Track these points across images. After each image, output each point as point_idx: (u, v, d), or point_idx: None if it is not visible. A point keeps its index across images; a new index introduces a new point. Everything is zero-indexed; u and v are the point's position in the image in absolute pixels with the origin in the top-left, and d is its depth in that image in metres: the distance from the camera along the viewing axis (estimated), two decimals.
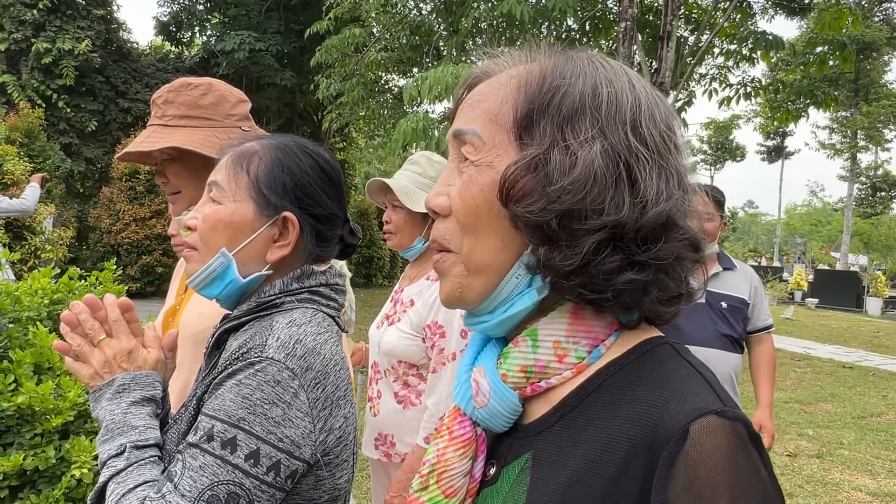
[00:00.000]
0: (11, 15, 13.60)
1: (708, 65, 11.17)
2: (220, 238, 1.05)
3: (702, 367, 0.61)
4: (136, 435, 0.96)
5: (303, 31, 12.81)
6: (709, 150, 49.97)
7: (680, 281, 0.62)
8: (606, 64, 0.66)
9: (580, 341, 0.64)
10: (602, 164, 0.60)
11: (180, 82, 1.54)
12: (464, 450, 0.67)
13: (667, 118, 0.65)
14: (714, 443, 0.53)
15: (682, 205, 0.62)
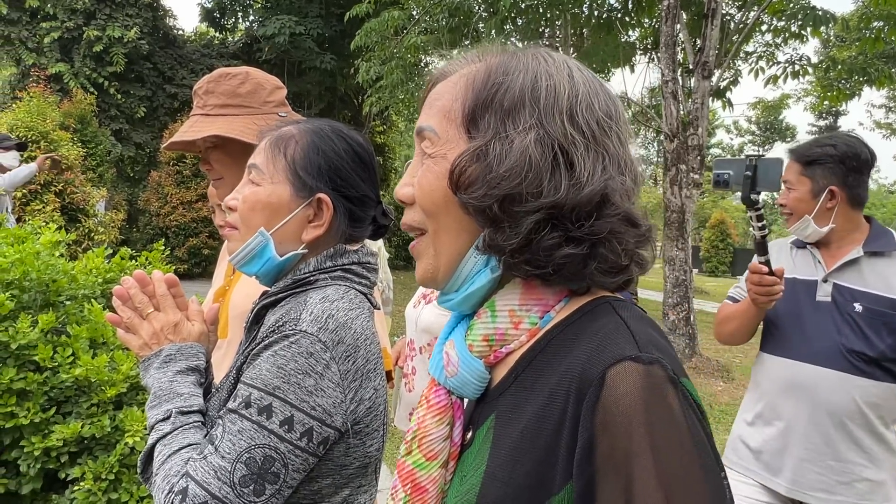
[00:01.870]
0: (64, 4, 14.02)
1: (755, 42, 10.85)
2: (259, 218, 1.10)
3: (633, 319, 0.65)
4: (181, 401, 1.03)
5: (343, 14, 12.87)
6: (757, 131, 48.53)
7: (618, 253, 0.66)
8: (549, 58, 0.72)
9: (532, 308, 0.69)
10: (537, 151, 0.65)
11: (219, 73, 1.59)
12: (440, 416, 0.74)
13: (606, 107, 0.70)
14: (627, 386, 0.57)
15: (618, 185, 0.66)
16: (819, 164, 1.99)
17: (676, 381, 0.58)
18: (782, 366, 2.03)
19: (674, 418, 0.56)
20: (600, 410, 0.57)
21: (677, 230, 7.66)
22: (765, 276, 1.95)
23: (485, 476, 0.66)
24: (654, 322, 0.68)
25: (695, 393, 0.60)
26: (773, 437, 2.01)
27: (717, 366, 7.51)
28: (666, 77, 7.76)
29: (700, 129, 7.70)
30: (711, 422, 5.64)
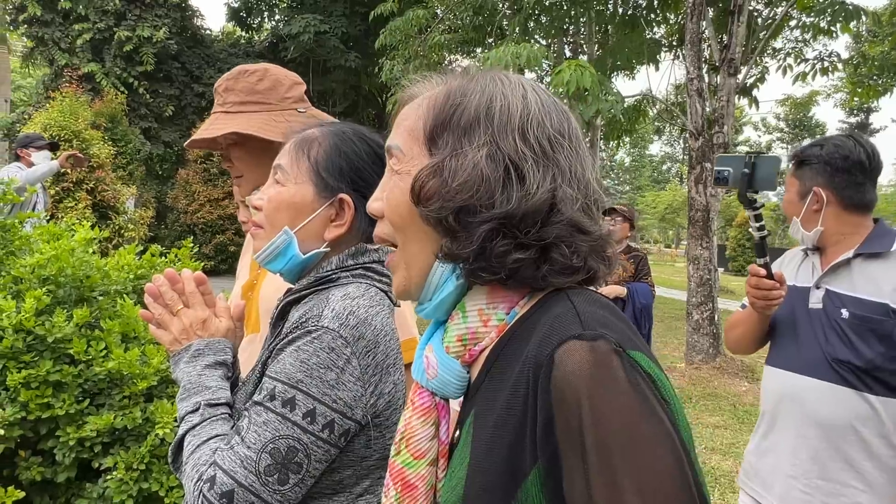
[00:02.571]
0: (95, 5, 14.30)
1: (783, 38, 10.69)
2: (283, 217, 1.14)
3: (583, 303, 0.69)
4: (209, 394, 1.08)
5: (367, 13, 12.94)
6: (785, 128, 47.70)
7: (566, 256, 0.70)
8: (505, 80, 0.77)
9: (499, 305, 0.74)
10: (489, 167, 0.70)
11: (238, 70, 1.60)
12: (425, 417, 0.79)
13: (559, 125, 0.75)
14: (574, 363, 0.60)
15: (566, 195, 0.71)
16: (807, 164, 1.92)
17: (622, 352, 0.61)
18: (774, 376, 1.94)
19: (620, 388, 0.59)
20: (553, 389, 0.60)
21: (702, 229, 7.59)
22: (762, 279, 1.86)
23: (469, 469, 0.70)
24: (607, 304, 0.72)
25: (646, 364, 0.63)
26: (766, 452, 1.94)
27: (742, 366, 7.44)
28: (691, 74, 7.68)
29: (725, 127, 7.62)
30: (735, 422, 5.62)
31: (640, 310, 4.53)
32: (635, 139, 20.02)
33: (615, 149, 12.80)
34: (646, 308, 4.56)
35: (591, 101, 6.81)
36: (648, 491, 0.57)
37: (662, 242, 56.46)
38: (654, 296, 4.69)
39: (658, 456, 0.58)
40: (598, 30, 11.92)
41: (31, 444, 2.04)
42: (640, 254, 4.75)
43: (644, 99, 10.28)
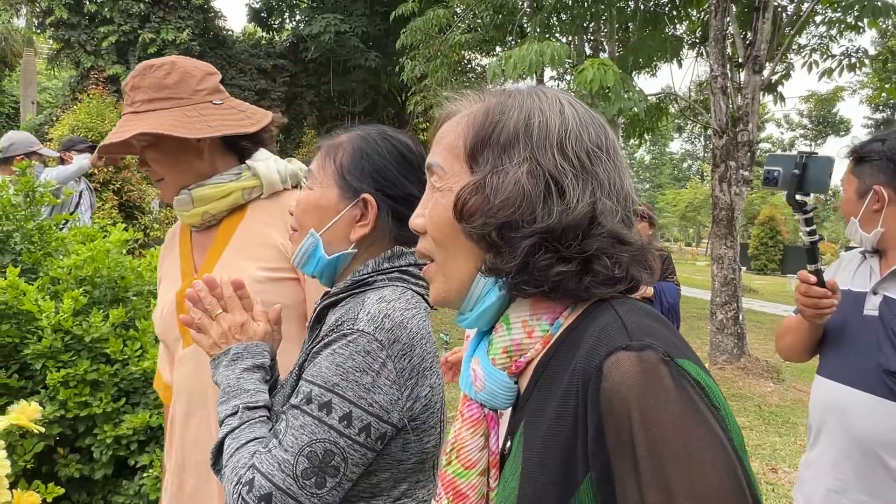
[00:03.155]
0: (120, 8, 14.50)
1: (809, 34, 10.54)
2: (311, 219, 1.16)
3: (629, 312, 0.70)
4: (248, 397, 1.09)
5: (387, 12, 12.96)
6: (809, 125, 47.00)
7: (608, 267, 0.71)
8: (543, 95, 0.79)
9: (542, 317, 0.75)
10: (530, 182, 0.72)
11: (143, 66, 1.48)
12: (474, 428, 0.80)
13: (597, 138, 0.77)
14: (622, 373, 0.61)
15: (606, 207, 0.73)
16: (867, 161, 1.78)
17: (670, 361, 0.62)
18: (822, 387, 1.84)
19: (669, 397, 0.60)
20: (602, 400, 0.61)
21: (726, 228, 7.51)
22: (812, 286, 1.74)
23: (521, 479, 0.70)
24: (652, 312, 0.72)
25: (695, 371, 0.63)
26: (810, 464, 1.86)
27: (767, 366, 7.36)
28: (715, 72, 7.61)
29: (750, 125, 7.54)
30: (760, 423, 5.56)
31: (667, 309, 4.50)
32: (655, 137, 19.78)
33: (635, 147, 12.66)
34: (673, 307, 4.53)
35: (613, 99, 6.77)
36: (702, 497, 0.57)
37: (683, 241, 55.91)
38: (679, 295, 4.65)
39: (710, 462, 0.58)
40: (619, 27, 11.84)
41: (70, 441, 2.08)
42: (664, 253, 4.71)
43: (666, 97, 10.20)
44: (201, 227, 1.52)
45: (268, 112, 1.56)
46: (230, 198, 1.49)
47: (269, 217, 1.51)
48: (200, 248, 1.53)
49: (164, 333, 1.53)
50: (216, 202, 1.48)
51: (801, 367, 8.14)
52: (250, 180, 1.51)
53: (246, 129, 1.47)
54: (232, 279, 1.19)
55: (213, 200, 1.48)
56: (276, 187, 1.53)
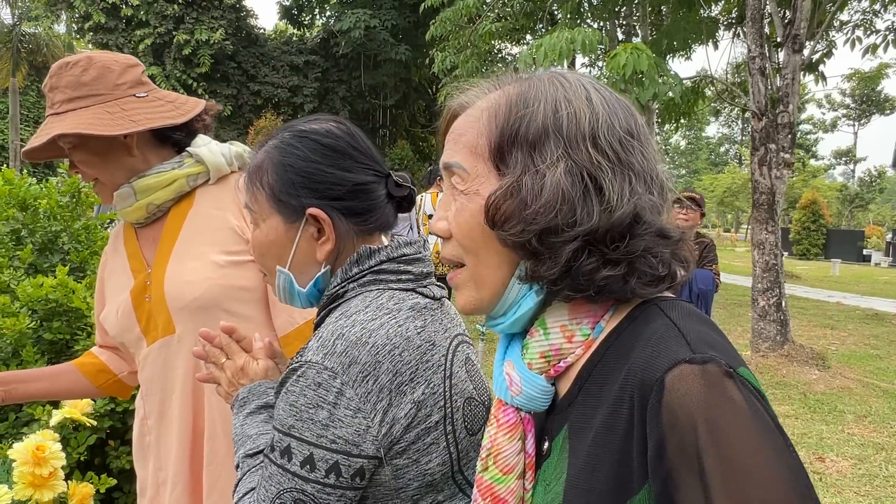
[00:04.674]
0: (155, 10, 14.80)
1: (851, 10, 10.20)
2: (271, 259, 1.06)
3: (683, 318, 0.67)
4: (249, 444, 1.04)
5: (416, 5, 12.95)
6: (851, 104, 45.54)
7: (654, 267, 0.68)
8: (565, 81, 0.73)
9: (582, 321, 0.72)
10: (568, 183, 0.67)
11: (59, 64, 1.40)
12: (511, 433, 0.77)
13: (627, 124, 0.71)
14: (686, 387, 0.59)
15: (646, 202, 0.69)
16: None
17: (733, 373, 0.60)
18: None
19: (737, 410, 0.58)
20: (665, 413, 0.59)
21: (767, 212, 7.34)
22: None
23: (566, 485, 0.69)
24: (703, 316, 0.69)
25: (753, 380, 0.62)
26: None
27: (812, 353, 7.18)
28: (753, 53, 7.41)
29: (791, 107, 7.33)
30: (806, 412, 5.45)
31: (696, 295, 4.41)
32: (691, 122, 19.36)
33: (671, 132, 12.49)
34: (703, 294, 4.44)
35: (647, 84, 6.65)
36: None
37: (721, 227, 54.86)
38: (717, 284, 4.55)
39: (780, 471, 0.57)
40: (652, 10, 11.62)
41: (120, 434, 2.14)
42: (707, 240, 4.61)
43: (702, 80, 9.99)
44: (146, 221, 1.47)
45: (199, 100, 1.49)
46: (174, 185, 1.43)
47: (220, 201, 1.45)
48: (149, 242, 1.48)
49: (124, 334, 1.46)
50: (160, 191, 1.42)
51: (848, 354, 7.93)
52: (194, 167, 1.44)
53: (174, 121, 1.40)
54: (223, 325, 1.13)
55: (157, 190, 1.42)
56: (224, 170, 1.48)
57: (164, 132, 1.44)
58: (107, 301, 1.54)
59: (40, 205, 2.38)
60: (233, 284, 1.35)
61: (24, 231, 2.35)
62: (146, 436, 1.48)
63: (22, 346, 2.02)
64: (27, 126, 30.92)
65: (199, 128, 1.50)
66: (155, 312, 1.41)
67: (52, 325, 2.10)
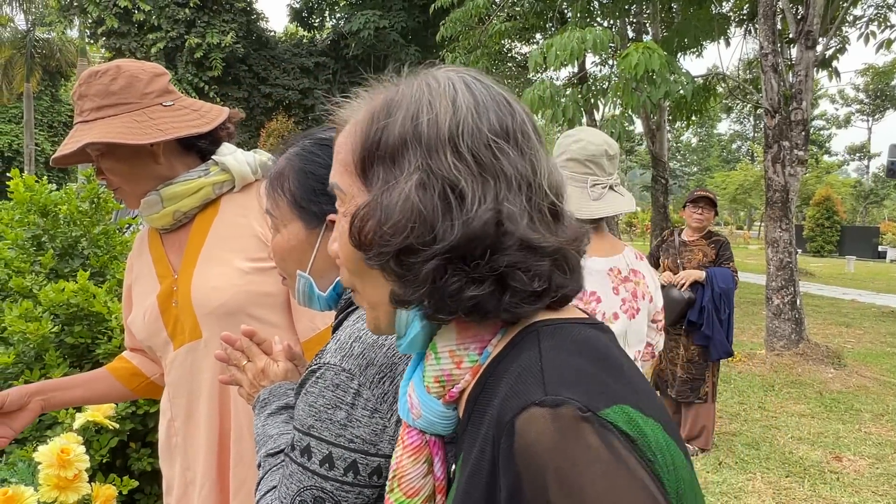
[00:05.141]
0: (167, 15, 14.92)
1: (864, 4, 10.12)
2: (291, 263, 1.09)
3: (552, 350, 0.62)
4: (270, 443, 1.07)
5: (425, 5, 12.96)
6: (865, 99, 45.11)
7: (526, 283, 0.62)
8: (433, 82, 0.68)
9: (470, 346, 0.68)
10: (421, 197, 0.62)
11: (88, 73, 1.42)
12: (415, 455, 0.74)
13: (499, 123, 0.66)
14: (536, 433, 0.55)
15: (516, 208, 0.63)
16: None
17: (592, 416, 0.55)
18: None
19: (591, 457, 0.54)
20: (516, 459, 0.56)
21: (780, 210, 7.29)
22: None
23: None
24: (583, 345, 0.64)
25: (623, 419, 0.56)
26: None
27: (827, 351, 7.13)
28: (765, 49, 7.37)
29: (804, 103, 7.29)
30: (822, 411, 5.41)
31: (718, 294, 4.40)
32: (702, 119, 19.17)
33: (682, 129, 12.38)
34: (725, 293, 4.42)
35: (659, 83, 6.63)
36: None
37: (734, 224, 54.49)
38: (736, 282, 4.53)
39: None
40: (662, 8, 11.58)
41: (141, 436, 2.17)
42: (722, 239, 4.59)
43: (713, 77, 9.94)
44: (172, 227, 1.50)
45: (223, 109, 1.50)
46: (201, 193, 1.46)
47: (245, 209, 1.48)
48: (175, 248, 1.51)
49: (151, 338, 1.49)
50: (187, 199, 1.45)
51: (864, 353, 7.87)
52: (220, 175, 1.47)
53: (199, 130, 1.42)
54: (243, 329, 1.16)
55: (184, 197, 1.45)
56: (249, 179, 1.50)
57: (190, 140, 1.46)
58: (134, 305, 1.57)
59: (61, 210, 2.41)
60: (257, 290, 1.37)
61: (45, 237, 2.39)
62: (173, 437, 1.50)
63: (45, 350, 2.05)
64: (41, 130, 31.28)
65: (222, 136, 1.52)
66: (182, 317, 1.44)
67: (74, 329, 2.13)
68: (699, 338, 4.40)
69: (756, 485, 4.01)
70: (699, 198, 4.53)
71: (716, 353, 4.39)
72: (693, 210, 4.53)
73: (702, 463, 4.30)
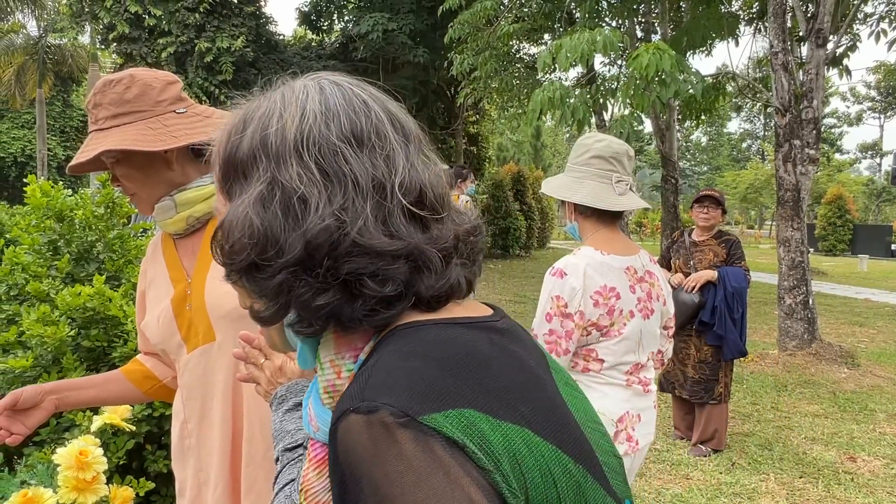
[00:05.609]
0: (177, 20, 15.03)
1: (876, 1, 10.05)
2: None
3: (389, 354, 0.61)
4: (288, 438, 1.08)
5: (433, 7, 12.99)
6: (877, 97, 44.74)
7: (375, 289, 0.61)
8: (288, 92, 0.67)
9: (345, 355, 0.67)
10: (259, 213, 0.61)
11: (103, 82, 1.46)
12: (320, 468, 0.72)
13: (351, 126, 0.64)
14: (352, 440, 0.54)
15: (355, 214, 0.61)
16: None
17: (410, 422, 0.53)
18: None
19: (406, 466, 0.52)
20: (338, 465, 0.55)
21: (792, 209, 7.25)
22: None
23: None
24: (436, 345, 0.61)
25: (453, 424, 0.54)
26: None
27: (841, 351, 7.08)
28: (775, 48, 7.33)
29: (815, 102, 7.25)
30: (836, 411, 5.38)
31: (731, 294, 4.38)
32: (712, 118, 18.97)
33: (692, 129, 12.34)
34: (738, 291, 4.40)
35: (669, 83, 6.61)
36: None
37: (745, 223, 54.17)
38: (749, 281, 4.52)
39: None
40: (671, 7, 11.54)
41: (157, 438, 2.19)
42: (733, 238, 4.57)
43: (723, 76, 9.90)
44: (185, 232, 1.52)
45: None
46: (214, 199, 1.50)
47: None
48: (188, 253, 1.53)
49: (165, 341, 1.51)
50: (200, 204, 1.48)
51: (878, 352, 7.81)
52: None
53: (211, 136, 1.46)
54: (261, 329, 1.20)
55: (197, 203, 1.47)
56: None
57: (202, 147, 1.47)
58: (147, 309, 1.59)
59: (76, 215, 2.44)
60: None
61: (61, 241, 2.42)
62: (186, 438, 1.52)
63: (62, 354, 2.07)
64: (53, 135, 31.56)
65: None
66: (195, 321, 1.46)
67: (90, 333, 2.16)
68: (712, 338, 4.39)
69: (770, 485, 3.99)
70: (704, 196, 4.53)
71: (729, 352, 4.38)
72: (699, 210, 4.53)
73: (714, 464, 4.29)
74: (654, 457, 4.41)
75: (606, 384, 1.99)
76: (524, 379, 0.63)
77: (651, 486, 3.93)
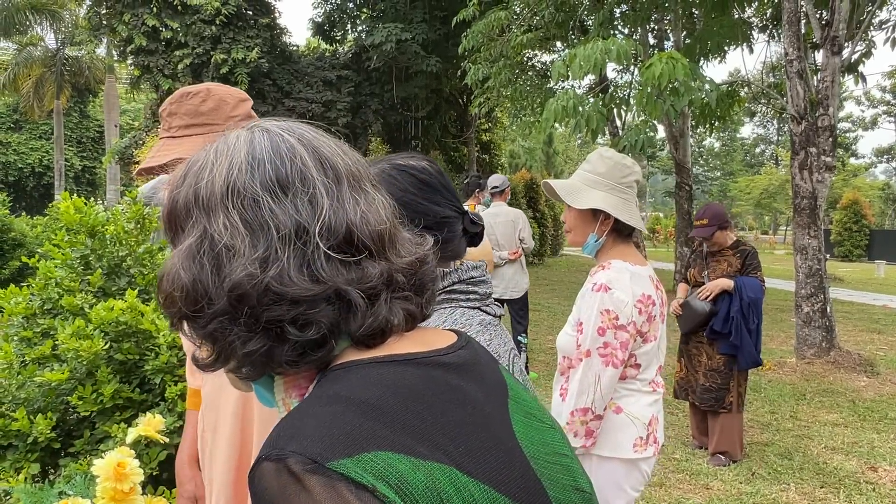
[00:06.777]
0: (193, 32, 15.23)
1: (890, 7, 10.00)
2: None
3: (311, 399, 0.62)
4: None
5: (446, 17, 13.08)
6: (892, 101, 44.35)
7: (296, 334, 0.62)
8: (222, 144, 0.69)
9: (292, 394, 0.69)
10: (186, 265, 0.62)
11: (180, 93, 1.54)
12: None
13: (277, 172, 0.65)
14: (264, 488, 0.55)
15: (281, 259, 0.62)
16: None
17: (317, 468, 0.54)
18: None
19: None
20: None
21: (808, 217, 7.22)
22: None
23: None
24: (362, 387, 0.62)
25: (364, 470, 0.54)
26: None
27: (859, 359, 7.03)
28: (790, 56, 7.33)
29: (831, 109, 7.22)
30: (855, 419, 5.35)
31: (747, 305, 4.37)
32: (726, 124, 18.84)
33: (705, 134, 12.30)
34: (754, 303, 4.39)
35: (682, 92, 6.63)
36: None
37: (759, 229, 53.78)
38: (764, 291, 4.51)
39: None
40: (683, 15, 11.55)
41: None
42: (748, 248, 4.56)
43: (737, 83, 9.88)
44: None
45: None
46: None
47: None
48: None
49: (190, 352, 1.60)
50: None
51: None
52: None
53: None
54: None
55: None
56: None
57: None
58: None
59: (107, 231, 2.50)
60: None
61: (93, 256, 2.48)
62: (204, 447, 1.58)
63: (96, 367, 2.13)
64: (70, 146, 31.95)
65: None
66: None
67: (123, 346, 2.21)
68: (725, 347, 4.38)
69: (790, 496, 3.98)
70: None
71: (744, 362, 4.37)
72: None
73: (734, 474, 4.28)
74: (674, 466, 4.40)
75: (637, 390, 2.05)
76: (461, 416, 0.63)
77: (671, 496, 3.93)
